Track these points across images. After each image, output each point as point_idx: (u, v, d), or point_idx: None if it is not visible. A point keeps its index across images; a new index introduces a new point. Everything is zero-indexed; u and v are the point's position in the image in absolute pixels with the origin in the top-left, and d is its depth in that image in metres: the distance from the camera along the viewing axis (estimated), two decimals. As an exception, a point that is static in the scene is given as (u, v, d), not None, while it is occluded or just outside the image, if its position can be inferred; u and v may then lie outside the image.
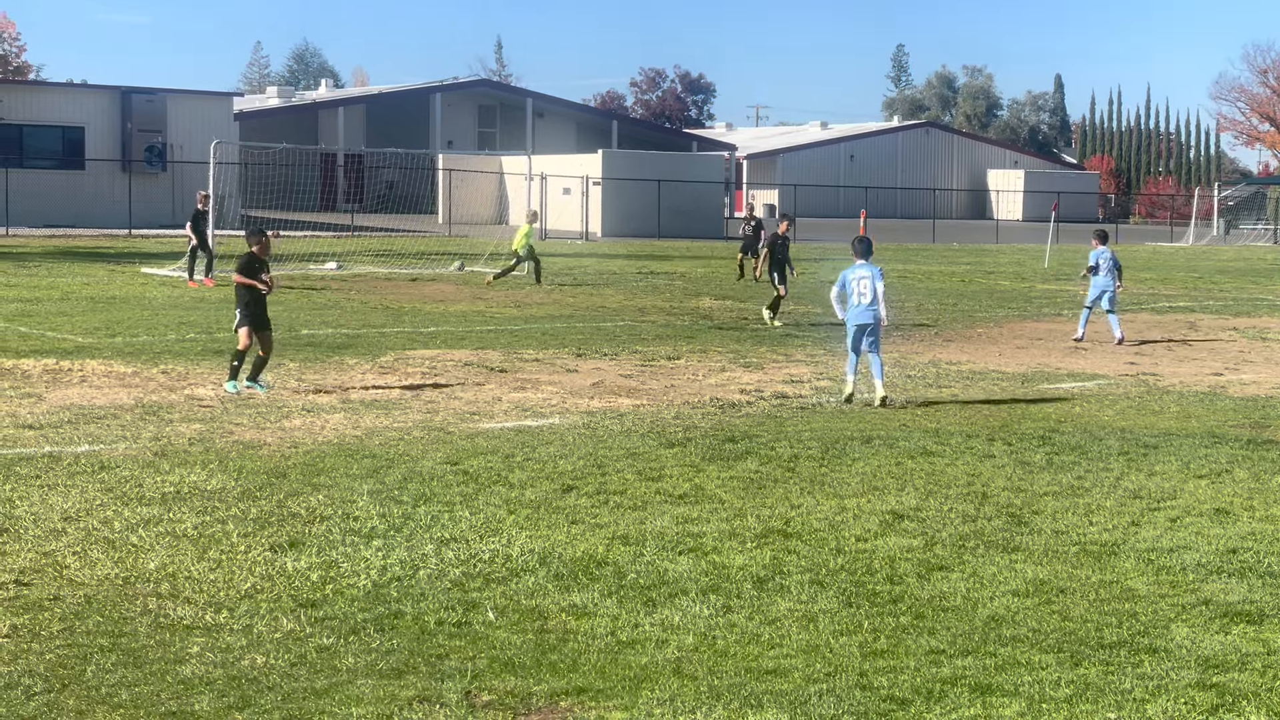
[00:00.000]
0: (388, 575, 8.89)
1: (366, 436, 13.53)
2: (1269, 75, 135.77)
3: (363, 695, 6.82)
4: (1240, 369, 20.54)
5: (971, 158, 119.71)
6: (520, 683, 7.04)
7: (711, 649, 7.60)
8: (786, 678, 7.16)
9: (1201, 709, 6.76)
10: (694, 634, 7.83)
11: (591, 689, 6.97)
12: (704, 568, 9.16)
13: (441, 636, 7.74)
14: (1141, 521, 10.60)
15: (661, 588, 8.70)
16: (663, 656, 7.47)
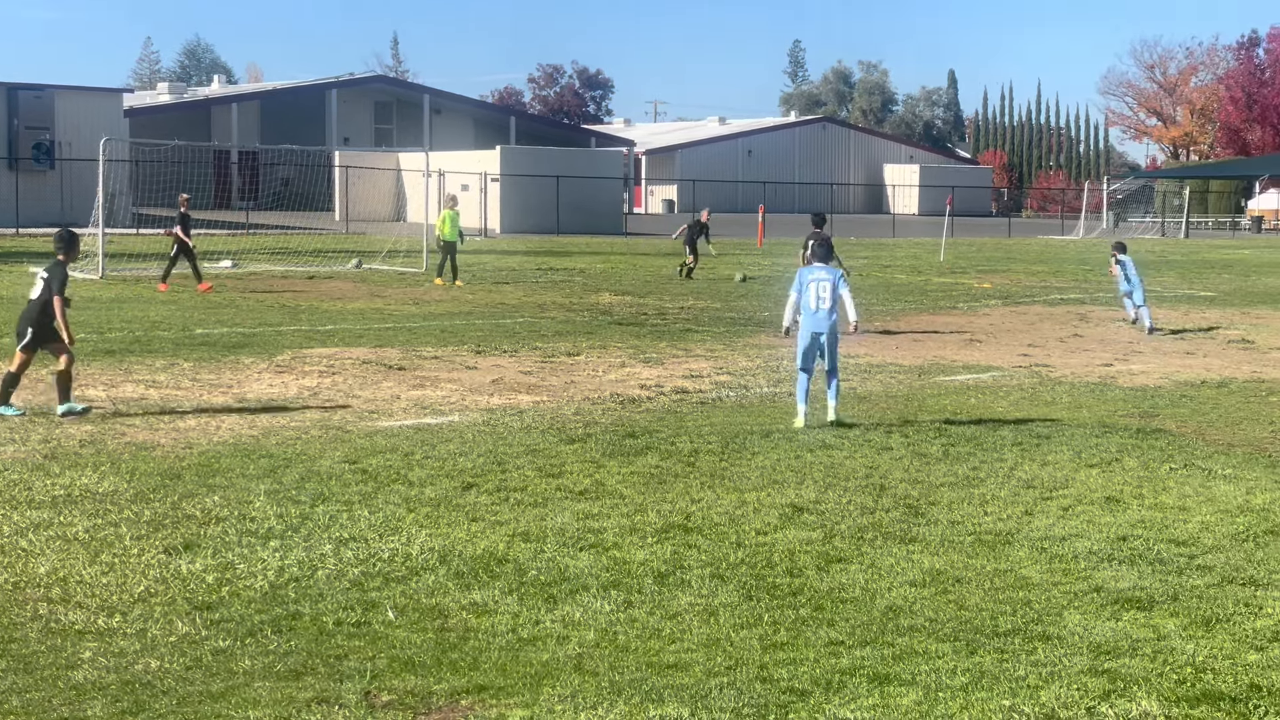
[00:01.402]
0: (285, 576, 8.81)
1: (263, 436, 13.40)
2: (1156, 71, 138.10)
3: (260, 698, 6.75)
4: (1129, 360, 20.88)
5: (868, 153, 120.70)
6: (420, 682, 7.01)
7: (613, 644, 7.61)
8: (687, 672, 7.18)
9: (1094, 694, 6.87)
10: (595, 630, 7.84)
11: (492, 687, 6.95)
12: (605, 563, 9.17)
13: (340, 637, 7.69)
14: (1035, 511, 10.74)
15: (562, 584, 8.69)
16: (564, 653, 7.46)
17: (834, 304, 14.48)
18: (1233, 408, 16.13)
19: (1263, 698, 6.84)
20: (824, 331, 14.42)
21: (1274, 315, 28.87)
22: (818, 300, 14.47)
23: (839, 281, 14.59)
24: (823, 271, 14.67)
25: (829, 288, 14.48)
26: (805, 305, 14.54)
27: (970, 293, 34.28)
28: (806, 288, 14.57)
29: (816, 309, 14.48)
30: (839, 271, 14.85)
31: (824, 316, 14.45)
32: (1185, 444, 13.66)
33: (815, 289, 14.52)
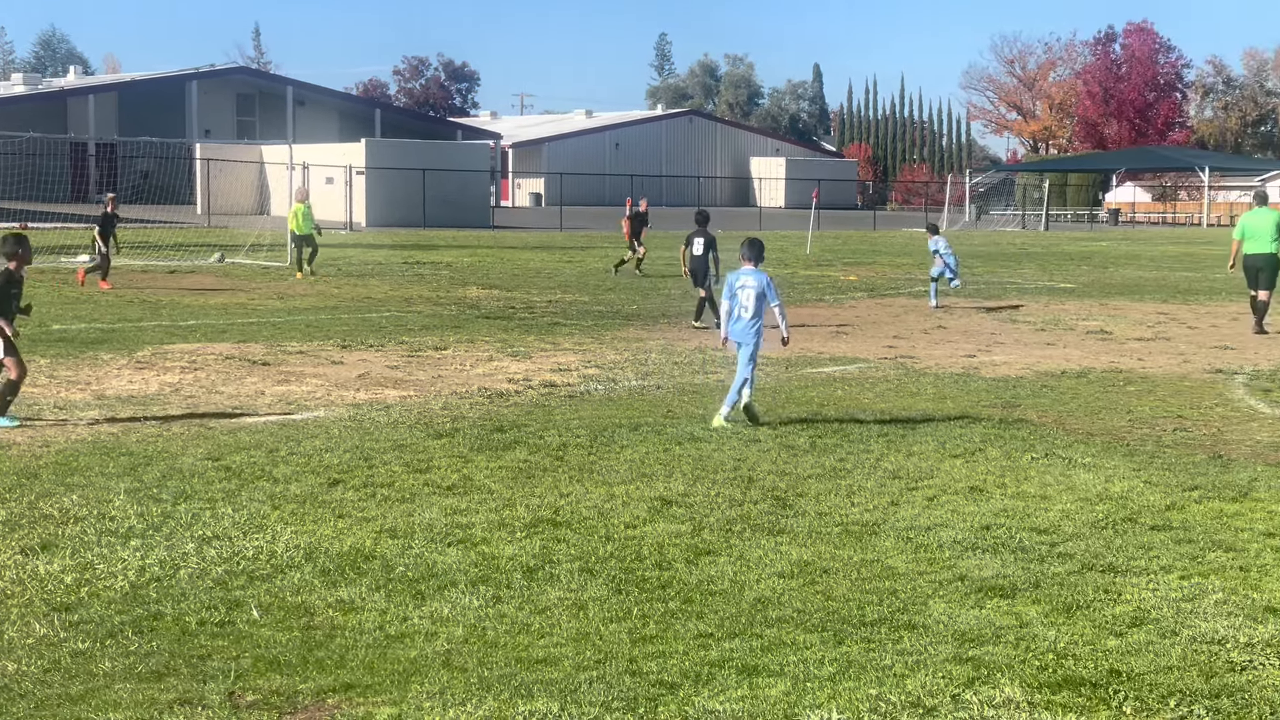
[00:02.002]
0: (146, 576, 8.64)
1: (123, 434, 13.15)
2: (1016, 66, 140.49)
3: (121, 700, 6.61)
4: (992, 350, 21.19)
5: (734, 146, 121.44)
6: (286, 681, 6.91)
7: (481, 640, 7.56)
8: (557, 666, 7.16)
9: (958, 682, 6.95)
10: (464, 625, 7.78)
11: (359, 685, 6.87)
12: (473, 559, 9.11)
13: (204, 637, 7.55)
14: (900, 501, 10.86)
15: (430, 580, 8.62)
16: (432, 649, 7.40)
17: (755, 314, 14.08)
18: (1092, 397, 16.44)
19: (1122, 683, 6.96)
20: (744, 343, 14.12)
21: (1131, 306, 29.49)
22: (741, 309, 14.14)
23: (766, 288, 14.12)
24: (750, 277, 14.18)
25: (753, 296, 14.07)
26: (733, 313, 14.20)
27: (836, 285, 34.61)
28: (735, 295, 14.20)
29: (737, 317, 14.17)
30: (765, 276, 14.27)
31: (745, 327, 14.11)
32: (1046, 433, 13.89)
33: (741, 297, 14.13)
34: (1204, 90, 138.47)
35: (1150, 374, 18.60)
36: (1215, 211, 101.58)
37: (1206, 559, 9.29)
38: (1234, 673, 7.14)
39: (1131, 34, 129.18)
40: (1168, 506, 10.75)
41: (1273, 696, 6.81)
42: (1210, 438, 13.89)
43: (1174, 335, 23.67)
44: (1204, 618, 8.01)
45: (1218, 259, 48.29)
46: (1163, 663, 7.27)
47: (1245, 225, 24.70)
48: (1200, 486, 11.44)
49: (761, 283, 14.12)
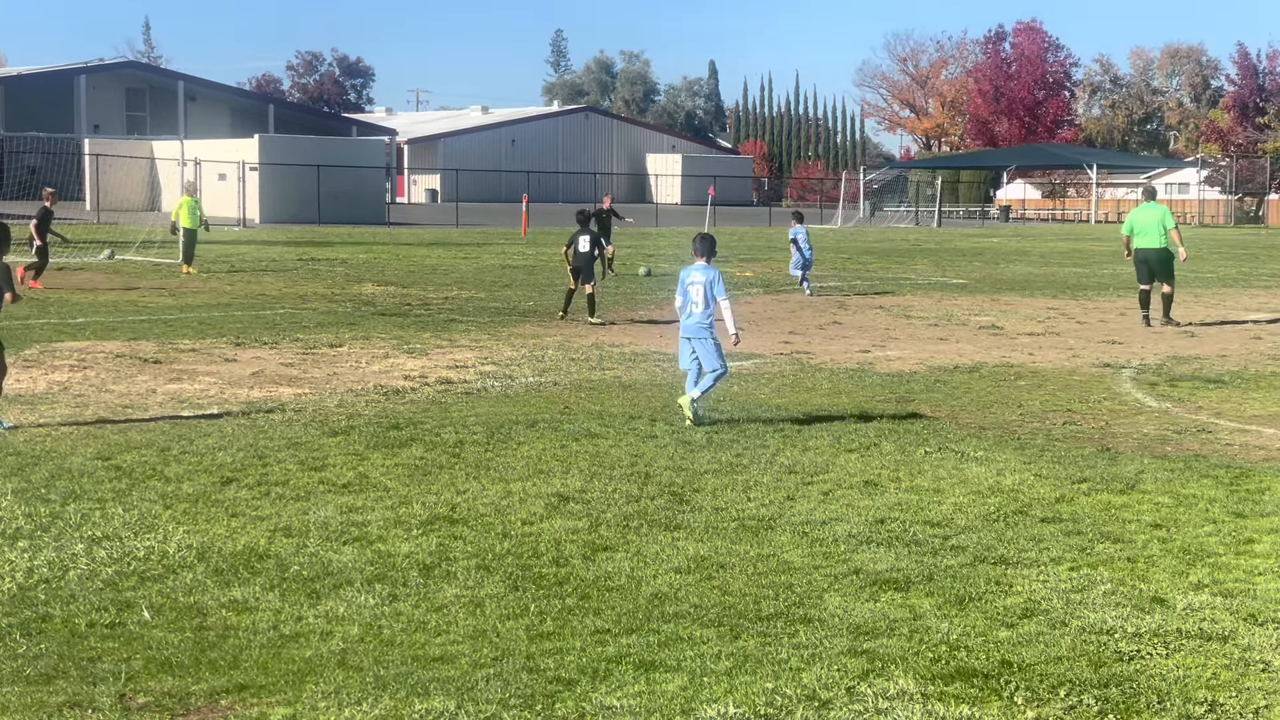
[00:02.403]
0: (35, 577, 8.50)
1: (9, 433, 12.92)
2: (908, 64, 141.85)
3: (9, 703, 6.50)
4: (886, 346, 21.38)
5: (631, 142, 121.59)
6: (178, 683, 6.83)
7: (377, 639, 7.51)
8: (453, 664, 7.13)
9: (853, 674, 7.01)
10: (359, 624, 7.73)
11: (253, 685, 6.80)
12: (369, 557, 9.05)
13: (94, 639, 7.44)
14: (796, 496, 10.93)
15: (325, 579, 8.56)
16: (327, 649, 7.34)
17: (706, 307, 13.96)
18: (984, 392, 16.63)
19: (1013, 673, 7.06)
20: (694, 338, 14.05)
21: (1021, 301, 29.87)
22: (690, 305, 14.05)
23: (714, 282, 14.02)
24: (699, 273, 14.10)
25: (701, 290, 13.99)
26: (683, 307, 14.14)
27: (732, 281, 34.74)
28: (686, 290, 14.15)
29: (689, 313, 14.07)
30: (715, 271, 14.17)
31: (694, 323, 14.01)
32: (939, 428, 14.04)
33: (691, 293, 14.06)
34: (1092, 89, 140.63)
35: (1040, 368, 18.86)
36: (1103, 208, 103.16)
37: (1095, 550, 9.43)
38: (1122, 662, 7.26)
39: (1021, 33, 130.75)
40: (1057, 499, 10.91)
41: (1159, 685, 6.93)
42: (1099, 431, 14.11)
43: (1063, 330, 24.02)
44: (1092, 608, 8.14)
45: (1106, 255, 49.05)
46: (1053, 653, 7.37)
47: (1134, 220, 25.11)
48: (1089, 479, 11.62)
49: (710, 277, 14.06)
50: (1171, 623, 7.89)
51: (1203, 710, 6.63)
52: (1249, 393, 16.77)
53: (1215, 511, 10.56)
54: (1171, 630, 7.76)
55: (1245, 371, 18.70)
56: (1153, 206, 25.24)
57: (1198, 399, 16.32)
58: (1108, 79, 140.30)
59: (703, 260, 14.26)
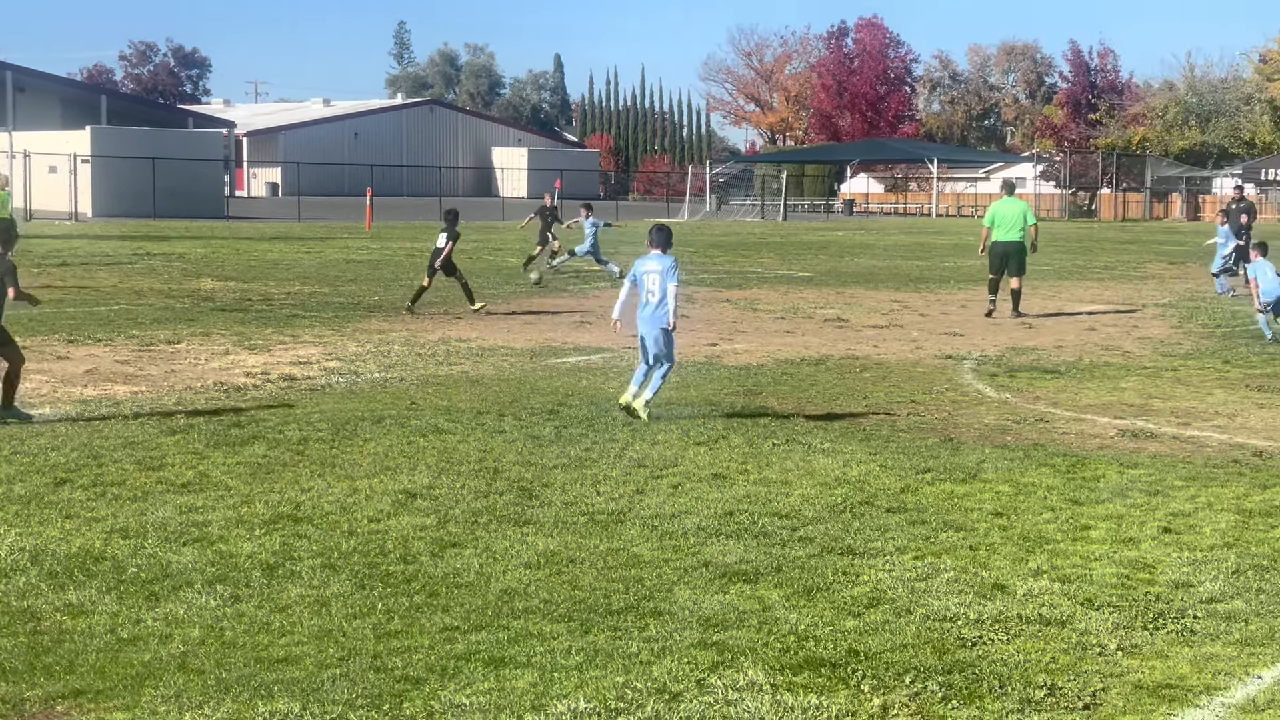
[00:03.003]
0: None
1: None
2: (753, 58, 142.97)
3: None
4: (733, 339, 21.51)
5: (476, 136, 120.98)
6: (12, 688, 6.63)
7: (219, 641, 7.36)
8: (298, 665, 7.02)
9: (703, 667, 7.02)
10: (200, 626, 7.57)
11: (90, 690, 6.63)
12: (210, 557, 8.87)
13: (-78, 647, 7.20)
14: (646, 489, 10.93)
15: (165, 580, 8.37)
16: (167, 652, 7.18)
17: (662, 297, 13.84)
18: (830, 384, 16.80)
19: (860, 662, 7.12)
20: (651, 330, 13.94)
21: (866, 294, 30.23)
22: (646, 294, 13.91)
23: (669, 270, 13.87)
24: (654, 262, 13.97)
25: (657, 281, 13.84)
26: (640, 300, 13.99)
27: (580, 275, 34.73)
28: (641, 280, 14.00)
29: (645, 303, 13.94)
30: (671, 260, 13.99)
31: (649, 314, 13.91)
32: (786, 420, 14.14)
33: (646, 282, 13.91)
34: (932, 84, 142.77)
35: (885, 360, 19.10)
36: (944, 202, 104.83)
37: (939, 539, 9.57)
38: (965, 648, 7.37)
39: (863, 29, 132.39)
40: (902, 489, 11.05)
41: (1000, 670, 7.04)
42: (941, 421, 14.32)
43: (907, 322, 24.36)
44: (936, 596, 8.25)
45: (947, 248, 49.87)
46: (898, 641, 7.46)
47: (996, 213, 25.49)
48: (932, 469, 11.79)
49: (666, 265, 13.90)
50: (1012, 609, 8.03)
51: (1042, 694, 6.75)
52: (1084, 382, 17.15)
53: (1053, 499, 10.78)
54: (1012, 616, 7.90)
55: (1080, 362, 19.11)
56: (1014, 201, 25.76)
57: (1036, 389, 16.65)
58: (947, 75, 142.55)
59: (658, 250, 14.12)
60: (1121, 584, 8.57)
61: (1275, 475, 11.75)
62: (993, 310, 24.97)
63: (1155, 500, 10.78)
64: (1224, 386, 17.00)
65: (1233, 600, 8.27)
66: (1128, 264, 41.99)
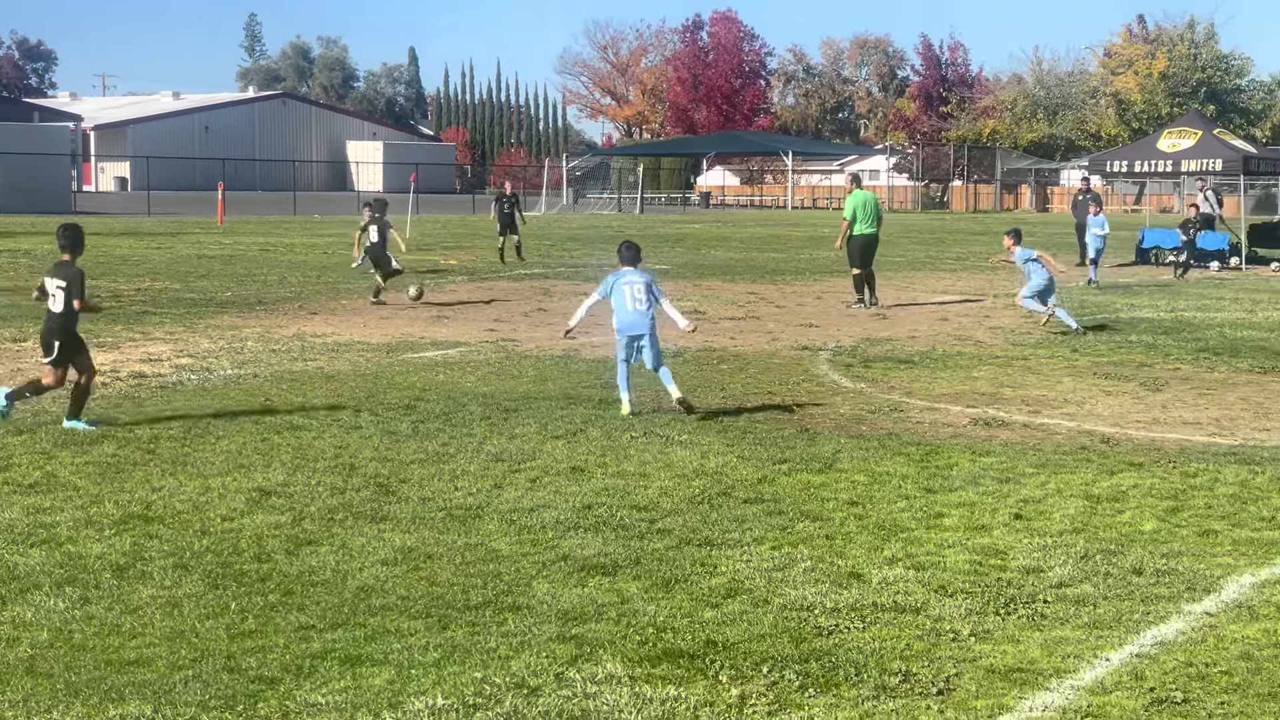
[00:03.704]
0: None
1: None
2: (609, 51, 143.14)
3: None
4: (591, 332, 21.46)
5: (330, 129, 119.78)
6: None
7: (68, 644, 7.21)
8: (150, 667, 6.89)
9: (562, 660, 7.02)
10: (49, 629, 7.41)
11: (-66, 699, 6.46)
12: (58, 559, 8.68)
13: None
14: (504, 484, 10.90)
15: (12, 583, 8.18)
16: (14, 655, 7.02)
17: (650, 304, 13.99)
18: (687, 376, 16.84)
19: (718, 653, 7.16)
20: (643, 333, 14.02)
21: (723, 286, 30.40)
22: (634, 301, 13.98)
23: (653, 283, 14.19)
24: (634, 275, 14.15)
25: (643, 289, 14.02)
26: (620, 307, 14.01)
27: (436, 269, 34.53)
28: (619, 290, 14.06)
29: (633, 309, 13.98)
30: (651, 276, 14.32)
31: (640, 318, 13.98)
32: (644, 413, 14.17)
33: (630, 291, 14.01)
34: (786, 78, 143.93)
35: (742, 352, 19.23)
36: (799, 194, 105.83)
37: (795, 529, 9.66)
38: (821, 637, 7.45)
39: (717, 22, 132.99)
40: (759, 480, 11.14)
41: (856, 658, 7.13)
42: (798, 412, 14.45)
43: (763, 314, 24.54)
44: (793, 586, 8.33)
45: (803, 240, 50.34)
46: (756, 631, 7.51)
47: (856, 206, 25.68)
48: (789, 460, 11.89)
49: (648, 279, 14.13)
50: (868, 597, 8.13)
51: (897, 680, 6.84)
52: (937, 372, 17.41)
53: (907, 488, 10.93)
54: (868, 604, 7.99)
55: (934, 352, 19.40)
56: (867, 194, 26.04)
57: (890, 379, 16.87)
58: (801, 68, 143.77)
59: (631, 267, 14.26)
60: (974, 570, 8.72)
61: (1122, 461, 12.02)
62: (864, 302, 25.27)
63: (1006, 487, 10.98)
64: (1073, 375, 17.36)
65: (1081, 584, 8.45)
66: (979, 255, 42.68)
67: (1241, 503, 10.56)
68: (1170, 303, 27.32)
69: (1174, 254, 36.44)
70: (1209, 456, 12.27)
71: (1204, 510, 10.32)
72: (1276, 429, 13.76)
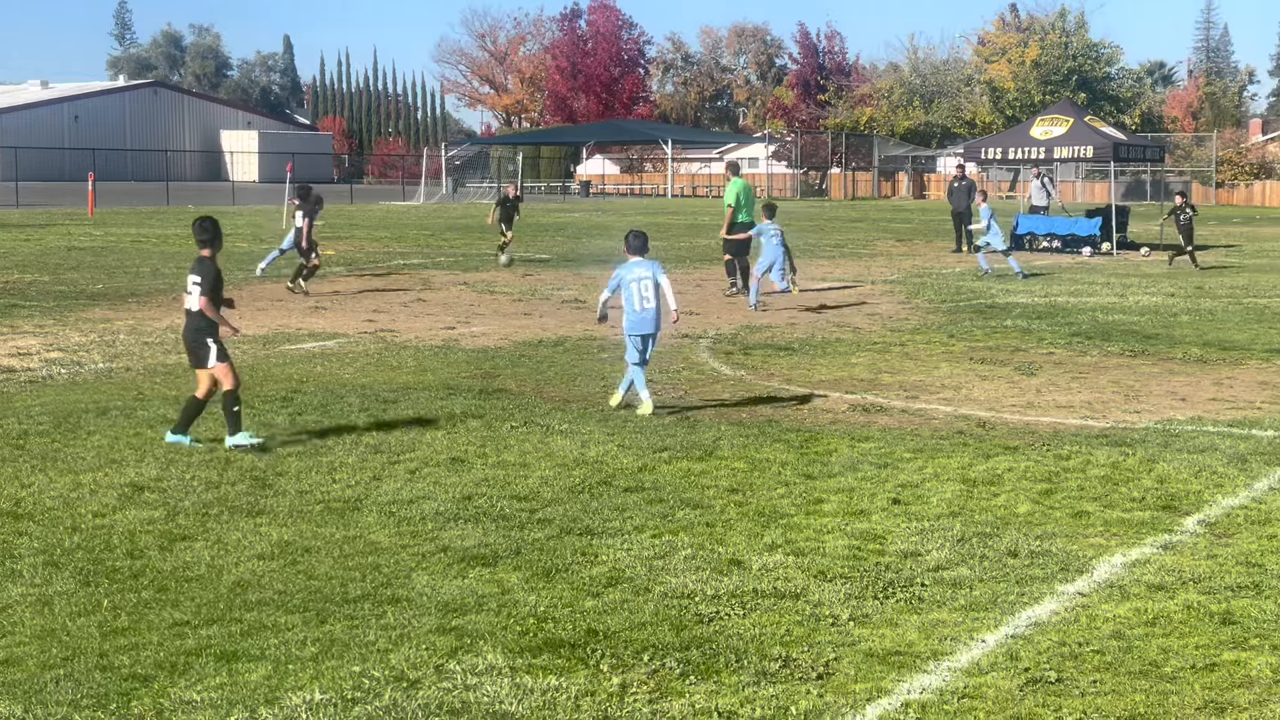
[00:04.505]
0: None
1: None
2: (487, 40, 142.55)
3: None
4: (471, 322, 21.42)
5: (203, 118, 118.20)
6: None
7: (-66, 646, 7.04)
8: (20, 667, 6.75)
9: (442, 652, 6.97)
10: (-87, 632, 7.23)
11: None
12: (-77, 559, 8.48)
13: None
14: (383, 475, 10.81)
15: (-126, 585, 7.97)
16: (-123, 660, 6.84)
17: (658, 302, 13.70)
18: (568, 365, 16.86)
19: (599, 642, 7.16)
20: (652, 332, 13.79)
21: (603, 275, 30.32)
22: (641, 300, 13.68)
23: (659, 272, 13.79)
24: (642, 268, 13.77)
25: (651, 285, 13.68)
26: (629, 305, 13.70)
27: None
28: (628, 286, 13.73)
29: (642, 309, 13.68)
30: (657, 264, 13.94)
31: (650, 317, 13.70)
32: (525, 402, 14.14)
33: (638, 288, 13.69)
34: (665, 66, 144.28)
35: (622, 341, 19.18)
36: (679, 182, 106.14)
37: (676, 517, 9.67)
38: (702, 624, 7.46)
39: (596, 11, 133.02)
40: (640, 468, 11.14)
41: (737, 644, 7.15)
42: (678, 400, 14.49)
43: (643, 302, 24.54)
44: (674, 573, 8.34)
45: (683, 228, 50.46)
46: (637, 619, 7.52)
47: (738, 192, 25.72)
48: (669, 448, 11.91)
49: (654, 270, 13.78)
50: (748, 583, 8.16)
51: (777, 666, 6.87)
52: (816, 359, 17.54)
53: (787, 474, 10.99)
54: (748, 590, 8.03)
55: (812, 339, 19.54)
56: (744, 182, 26.12)
57: (770, 366, 16.96)
58: (680, 57, 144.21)
59: (638, 256, 13.93)
60: (853, 555, 8.79)
61: (997, 445, 12.19)
62: (736, 286, 25.37)
63: (885, 472, 11.08)
64: (949, 360, 17.57)
65: (958, 567, 8.55)
66: (857, 242, 43.10)
67: (1113, 484, 10.75)
68: (1044, 288, 27.75)
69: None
70: (1081, 439, 12.48)
71: (1077, 492, 10.49)
72: (1147, 411, 14.03)
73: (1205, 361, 17.50)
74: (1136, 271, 32.41)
